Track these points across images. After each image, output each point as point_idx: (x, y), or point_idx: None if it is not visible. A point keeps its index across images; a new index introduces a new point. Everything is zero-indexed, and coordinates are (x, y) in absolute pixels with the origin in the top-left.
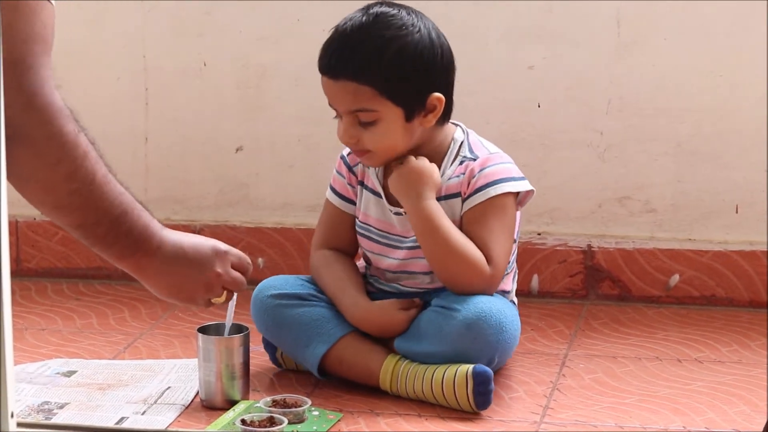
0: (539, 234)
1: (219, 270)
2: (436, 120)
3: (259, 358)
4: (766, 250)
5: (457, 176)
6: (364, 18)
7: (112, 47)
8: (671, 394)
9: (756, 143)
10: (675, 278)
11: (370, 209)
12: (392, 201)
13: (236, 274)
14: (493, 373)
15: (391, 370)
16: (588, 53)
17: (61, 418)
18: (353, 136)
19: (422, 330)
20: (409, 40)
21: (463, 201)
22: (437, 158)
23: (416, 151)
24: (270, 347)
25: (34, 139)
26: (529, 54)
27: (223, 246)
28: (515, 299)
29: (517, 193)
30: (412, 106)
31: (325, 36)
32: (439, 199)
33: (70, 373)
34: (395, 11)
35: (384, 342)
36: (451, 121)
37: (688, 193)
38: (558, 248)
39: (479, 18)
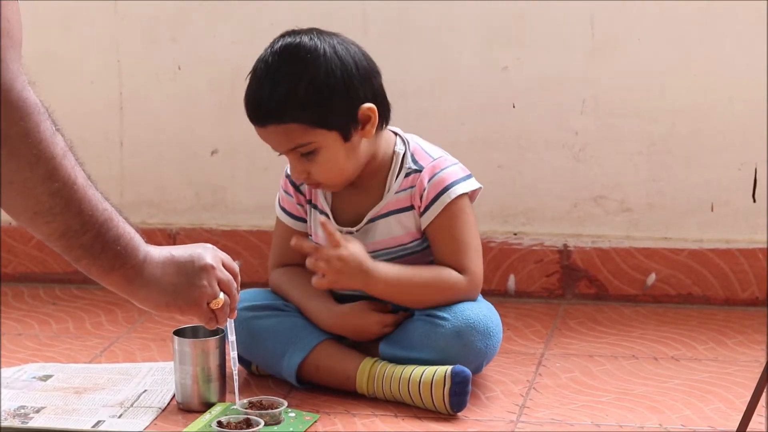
0: (515, 234)
1: (211, 262)
2: (375, 129)
3: None
4: (741, 248)
5: (405, 189)
6: (269, 58)
7: (85, 51)
8: (647, 392)
9: (730, 142)
10: (652, 277)
11: (318, 229)
12: (341, 221)
13: (227, 273)
14: (471, 375)
15: (367, 372)
16: (562, 54)
17: (37, 422)
18: (302, 171)
19: (409, 337)
20: (318, 64)
21: (421, 215)
22: (381, 173)
23: (363, 169)
24: (244, 362)
25: (8, 138)
26: (504, 55)
27: (210, 245)
28: None
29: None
30: (346, 125)
31: None
32: (388, 214)
33: (46, 378)
34: (297, 40)
35: (360, 347)
36: (390, 128)
37: (663, 192)
38: (534, 248)
39: (453, 20)
